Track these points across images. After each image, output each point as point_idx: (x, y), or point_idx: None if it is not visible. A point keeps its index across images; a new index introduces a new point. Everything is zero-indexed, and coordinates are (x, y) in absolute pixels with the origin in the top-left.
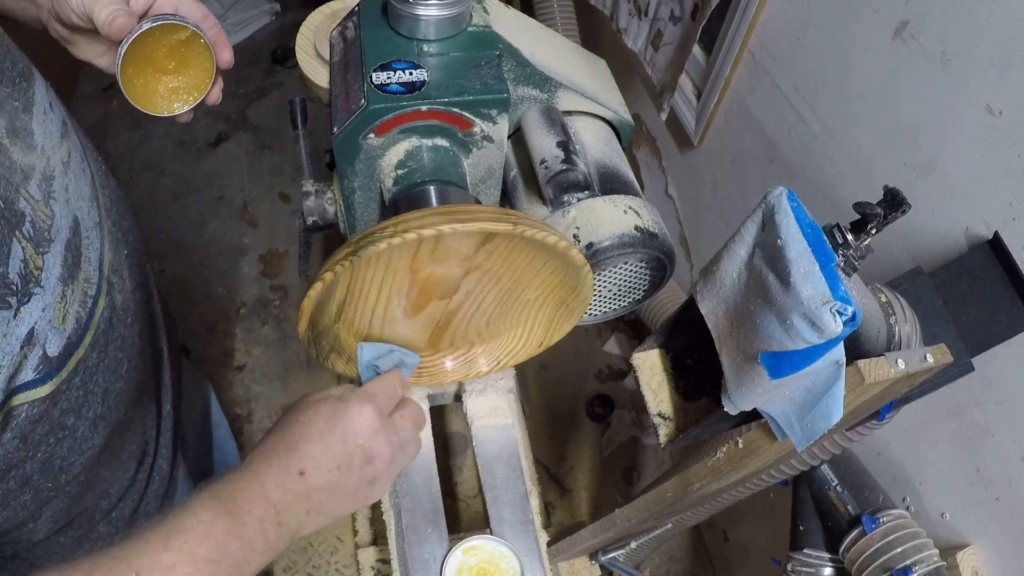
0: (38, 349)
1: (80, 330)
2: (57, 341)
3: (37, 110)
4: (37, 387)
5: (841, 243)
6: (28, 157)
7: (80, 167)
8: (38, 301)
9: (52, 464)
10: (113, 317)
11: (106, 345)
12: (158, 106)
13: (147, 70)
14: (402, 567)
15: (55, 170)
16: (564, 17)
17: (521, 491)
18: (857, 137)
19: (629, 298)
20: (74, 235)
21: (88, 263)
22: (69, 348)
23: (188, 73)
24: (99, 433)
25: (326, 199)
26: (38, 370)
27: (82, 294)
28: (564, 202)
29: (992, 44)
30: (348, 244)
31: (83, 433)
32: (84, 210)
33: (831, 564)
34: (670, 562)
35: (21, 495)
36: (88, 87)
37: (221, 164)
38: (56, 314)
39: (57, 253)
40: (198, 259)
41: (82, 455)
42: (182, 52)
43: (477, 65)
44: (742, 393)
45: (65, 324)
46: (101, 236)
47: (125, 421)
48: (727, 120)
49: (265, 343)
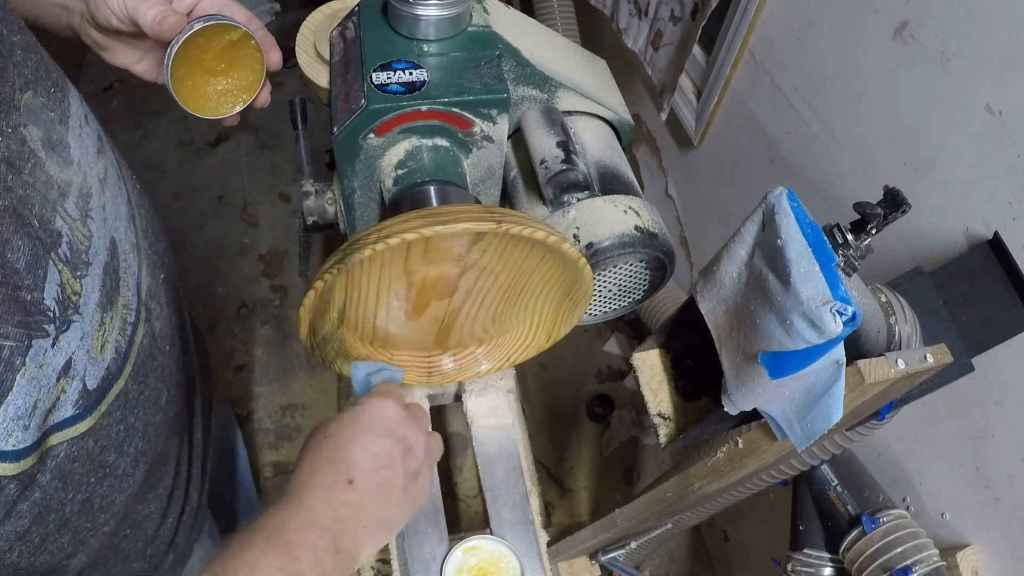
0: (77, 382)
1: (120, 360)
2: (95, 372)
3: (73, 123)
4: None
5: (841, 243)
6: (65, 172)
7: (117, 185)
8: (76, 330)
9: (92, 504)
10: (152, 345)
11: (146, 376)
12: (207, 108)
13: (196, 72)
14: (402, 567)
15: (92, 187)
16: (564, 17)
17: (521, 491)
18: (857, 137)
19: (629, 298)
20: (112, 257)
21: (127, 288)
22: (108, 380)
23: (237, 75)
24: (140, 469)
25: (326, 199)
26: (77, 405)
27: (121, 321)
28: (564, 202)
29: (992, 44)
30: (337, 252)
31: (124, 470)
32: (121, 231)
33: (831, 564)
34: (670, 562)
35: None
36: (88, 87)
37: (221, 164)
38: (95, 343)
39: (96, 277)
40: (198, 259)
41: (123, 493)
42: (231, 54)
43: (477, 65)
44: (742, 393)
45: (104, 354)
46: (139, 259)
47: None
48: (727, 120)
49: (265, 343)
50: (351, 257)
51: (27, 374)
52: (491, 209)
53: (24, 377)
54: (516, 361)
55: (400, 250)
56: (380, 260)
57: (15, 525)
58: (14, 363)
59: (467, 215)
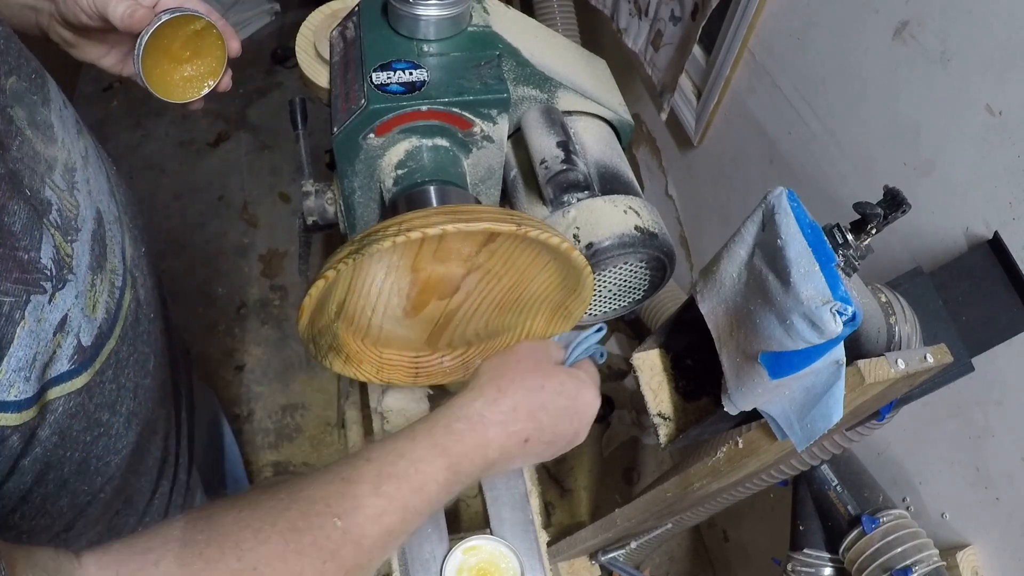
0: (72, 338)
1: (110, 320)
2: (89, 330)
3: (54, 106)
4: (73, 378)
5: (841, 243)
6: (50, 149)
7: (97, 164)
8: (71, 288)
9: (88, 464)
10: (139, 311)
11: (135, 339)
12: (175, 93)
13: (163, 60)
14: (402, 567)
15: (75, 163)
16: (564, 17)
17: (521, 491)
18: (857, 137)
19: (629, 298)
20: (99, 226)
21: (113, 255)
22: (101, 338)
23: (201, 62)
24: (132, 431)
25: (326, 199)
26: (73, 360)
27: (110, 285)
28: (564, 202)
29: (992, 44)
30: (351, 242)
31: (118, 430)
32: (105, 203)
33: (831, 564)
34: (670, 562)
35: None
36: (88, 87)
37: (221, 164)
38: (88, 302)
39: (85, 242)
40: (198, 259)
41: (117, 454)
42: (195, 43)
43: (477, 65)
44: (742, 393)
45: (96, 314)
46: (122, 231)
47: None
48: (727, 120)
49: (265, 343)
50: (369, 247)
51: (26, 327)
52: (510, 211)
53: (24, 330)
54: None
55: (413, 245)
56: (392, 254)
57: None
58: (14, 317)
59: (488, 215)
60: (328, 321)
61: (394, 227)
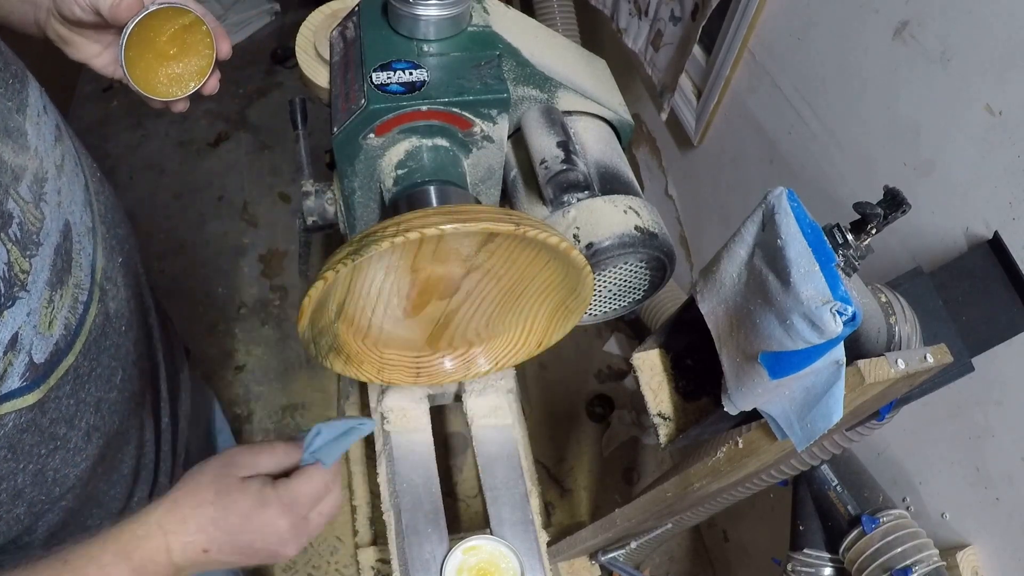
0: (23, 356)
1: (69, 337)
2: (43, 347)
3: (31, 112)
4: (24, 395)
5: (841, 243)
6: (20, 158)
7: (74, 171)
8: (23, 305)
9: (45, 476)
10: (107, 324)
11: (99, 353)
12: (158, 90)
13: (148, 55)
14: (402, 567)
15: (48, 172)
16: (564, 17)
17: (521, 491)
18: (857, 137)
19: (629, 298)
20: (65, 239)
21: (79, 268)
22: (57, 355)
23: (188, 60)
24: (93, 444)
25: (326, 199)
26: (24, 377)
27: (72, 300)
28: (564, 202)
29: (992, 44)
30: (350, 243)
31: (76, 444)
32: (77, 215)
33: (831, 564)
34: (670, 562)
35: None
36: (88, 87)
37: (221, 164)
38: (42, 319)
39: (46, 257)
40: (198, 259)
41: (76, 467)
42: (183, 39)
43: (477, 65)
44: (742, 393)
45: (52, 330)
46: (94, 242)
47: (121, 432)
48: (727, 120)
49: (265, 343)
50: (367, 248)
51: None
52: (508, 211)
53: None
54: (505, 365)
55: (412, 246)
56: (391, 255)
57: None
58: None
59: (487, 215)
60: (328, 322)
61: (392, 228)
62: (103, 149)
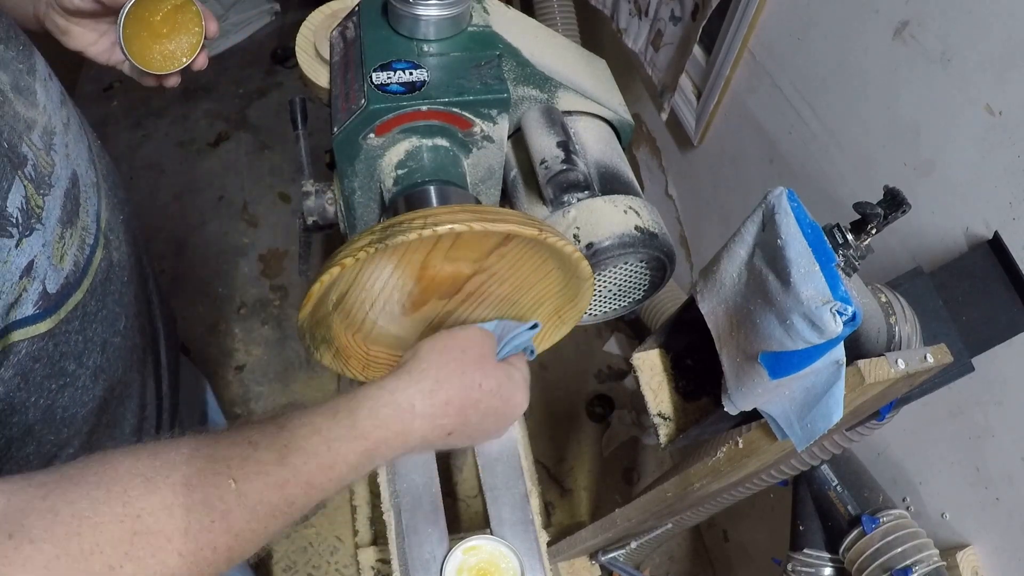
0: (37, 284)
1: (78, 273)
2: (56, 278)
3: (39, 75)
4: (36, 323)
5: (841, 243)
6: (31, 112)
7: (79, 132)
8: (39, 236)
9: (54, 413)
10: (110, 270)
11: (104, 296)
12: (152, 65)
13: (143, 33)
14: (402, 567)
15: (55, 128)
16: (564, 17)
17: (521, 491)
18: (857, 137)
19: (629, 298)
20: (73, 186)
21: (86, 214)
22: (67, 288)
23: (180, 39)
24: (99, 386)
25: (326, 199)
26: (37, 305)
27: (80, 240)
28: (564, 202)
29: (992, 44)
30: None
31: (84, 383)
32: (83, 168)
33: (831, 564)
34: (670, 562)
35: (24, 446)
36: (88, 87)
37: (221, 164)
38: (55, 252)
39: (57, 197)
40: (198, 259)
41: (83, 407)
42: (175, 19)
43: (477, 65)
44: (742, 393)
45: (63, 264)
46: (99, 196)
47: (124, 383)
48: (727, 120)
49: (265, 343)
50: (393, 238)
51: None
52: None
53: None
54: None
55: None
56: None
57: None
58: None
59: (513, 218)
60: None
61: (420, 220)
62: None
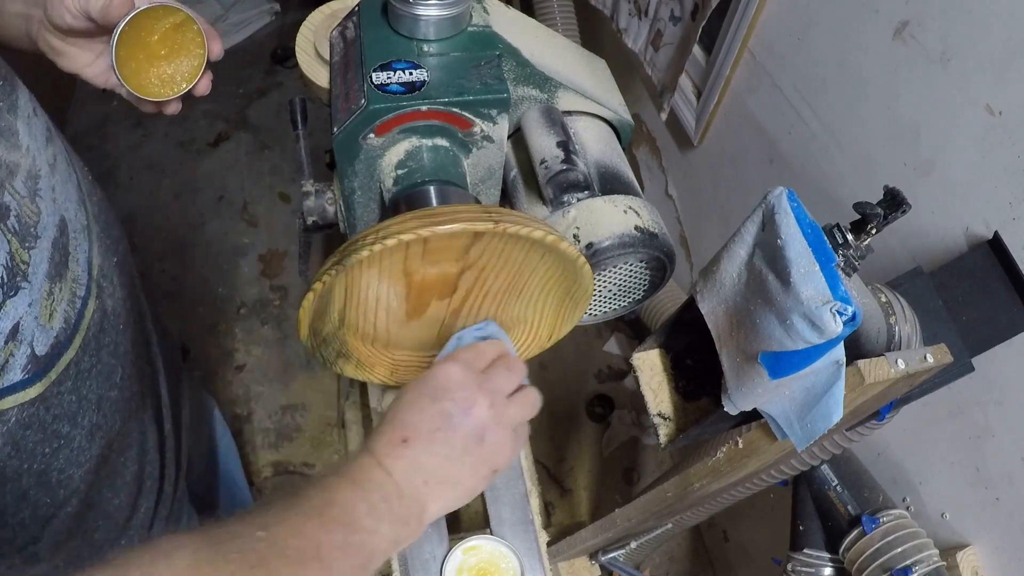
0: (25, 347)
1: (69, 330)
2: (45, 339)
3: (22, 112)
4: (26, 388)
5: (841, 243)
6: (13, 155)
7: (67, 171)
8: (25, 296)
9: (49, 477)
10: (104, 321)
11: (98, 349)
12: (149, 90)
13: (139, 55)
14: (402, 567)
15: (41, 170)
16: (564, 17)
17: (521, 491)
18: (857, 137)
19: (629, 298)
20: (61, 234)
21: (76, 263)
22: (58, 348)
23: (179, 61)
24: (96, 444)
25: (326, 199)
26: (26, 370)
27: (70, 293)
28: (564, 202)
29: (992, 44)
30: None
31: (79, 443)
32: (72, 212)
33: (831, 564)
34: (670, 562)
35: (19, 512)
36: (88, 88)
37: (221, 164)
38: (43, 311)
39: (44, 250)
40: (198, 259)
41: (80, 467)
42: (174, 39)
43: (477, 65)
44: (742, 393)
45: (52, 323)
46: (89, 240)
47: (123, 435)
48: (727, 120)
49: (265, 343)
50: (348, 259)
51: None
52: (488, 208)
53: None
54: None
55: (398, 251)
56: (379, 261)
57: None
58: None
59: (464, 215)
60: (332, 330)
61: (371, 236)
62: (103, 149)
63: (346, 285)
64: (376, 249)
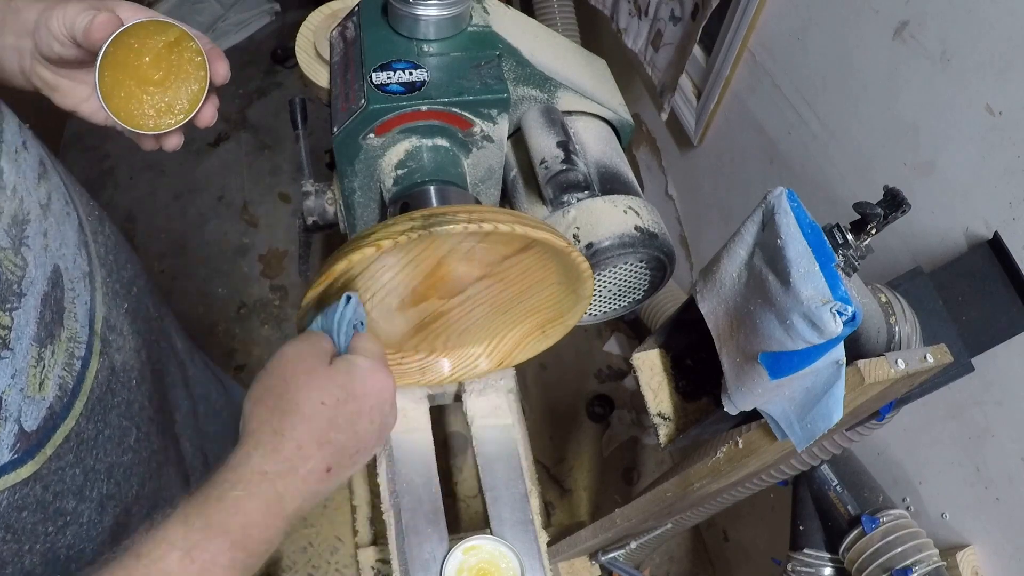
0: (11, 424)
1: (66, 398)
2: (34, 412)
3: (7, 148)
4: (16, 468)
5: (841, 243)
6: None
7: (64, 211)
8: (6, 367)
9: (56, 555)
10: (112, 380)
11: (105, 413)
12: (142, 122)
13: (129, 81)
14: (402, 567)
15: (30, 213)
16: (564, 17)
17: (521, 491)
18: (857, 137)
19: (629, 298)
20: (54, 287)
21: (74, 319)
22: (52, 420)
23: (177, 86)
24: (109, 515)
25: (326, 199)
26: (15, 449)
27: (66, 355)
28: (564, 202)
29: (992, 44)
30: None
31: (89, 518)
32: (69, 258)
33: (831, 564)
34: (670, 562)
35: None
36: None
37: (221, 164)
38: (31, 381)
39: (30, 310)
40: (198, 259)
41: (92, 541)
42: (170, 60)
43: (477, 65)
44: (742, 393)
45: (44, 392)
46: (92, 288)
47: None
48: (727, 120)
49: (265, 343)
50: (438, 228)
51: None
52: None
53: None
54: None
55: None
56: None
57: None
58: None
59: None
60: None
61: (464, 214)
62: (103, 149)
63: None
64: (471, 228)
